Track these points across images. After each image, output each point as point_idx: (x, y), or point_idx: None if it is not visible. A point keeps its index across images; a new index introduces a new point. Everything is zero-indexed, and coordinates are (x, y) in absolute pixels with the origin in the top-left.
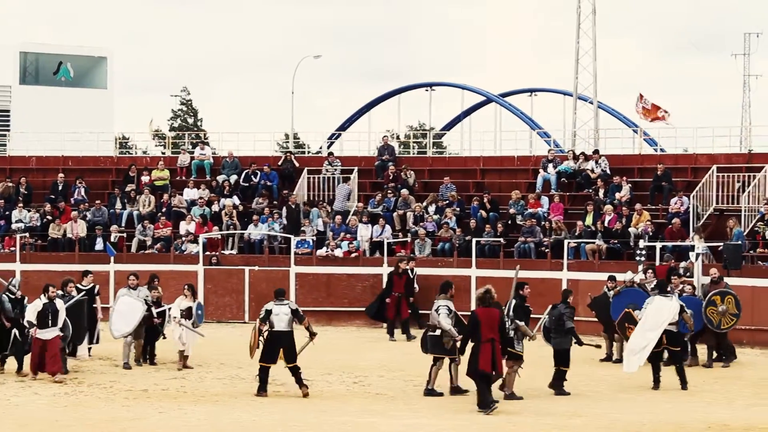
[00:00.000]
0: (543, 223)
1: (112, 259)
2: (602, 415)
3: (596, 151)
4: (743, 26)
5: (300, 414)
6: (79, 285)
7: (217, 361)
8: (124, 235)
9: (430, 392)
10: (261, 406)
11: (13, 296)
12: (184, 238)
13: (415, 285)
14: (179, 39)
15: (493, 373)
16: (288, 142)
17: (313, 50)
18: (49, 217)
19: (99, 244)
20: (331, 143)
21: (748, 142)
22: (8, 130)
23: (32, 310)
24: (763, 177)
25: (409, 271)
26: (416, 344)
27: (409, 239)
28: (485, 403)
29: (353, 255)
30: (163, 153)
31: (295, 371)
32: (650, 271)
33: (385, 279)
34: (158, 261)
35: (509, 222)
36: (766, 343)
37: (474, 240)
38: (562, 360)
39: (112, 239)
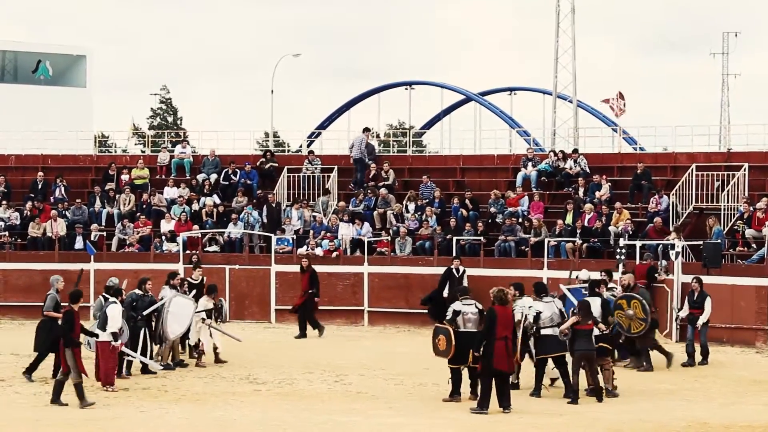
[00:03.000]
0: (523, 221)
1: (92, 257)
2: (583, 414)
3: (575, 150)
4: (722, 25)
5: (281, 413)
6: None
7: (207, 361)
8: (104, 233)
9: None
10: (242, 405)
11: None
12: (163, 237)
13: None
14: (159, 38)
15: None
16: (268, 140)
17: (292, 49)
18: (28, 215)
19: (79, 243)
20: (311, 142)
21: (727, 141)
22: None
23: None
24: (742, 176)
25: (455, 270)
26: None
27: (389, 238)
28: (485, 404)
29: (334, 254)
30: (143, 152)
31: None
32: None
33: (366, 278)
34: (138, 260)
35: (489, 221)
36: (746, 341)
37: (454, 239)
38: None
39: (92, 238)
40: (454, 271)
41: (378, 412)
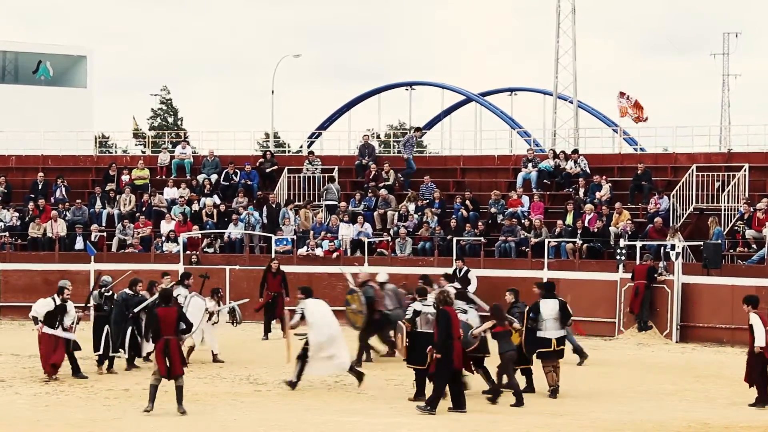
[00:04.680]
0: (523, 221)
1: (92, 258)
2: (583, 414)
3: (575, 151)
4: (722, 26)
5: (281, 414)
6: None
7: (198, 361)
8: (104, 234)
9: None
10: (242, 405)
11: (107, 294)
12: (164, 238)
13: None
14: (159, 38)
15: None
16: (268, 141)
17: (293, 49)
18: (29, 215)
19: (79, 244)
20: (312, 142)
21: (727, 141)
22: None
23: (42, 307)
24: (743, 176)
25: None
26: None
27: (389, 238)
28: (435, 405)
29: (334, 254)
30: (143, 152)
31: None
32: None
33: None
34: (138, 260)
35: (490, 221)
36: (746, 342)
37: (455, 239)
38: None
39: (92, 238)
40: (457, 271)
41: (378, 412)
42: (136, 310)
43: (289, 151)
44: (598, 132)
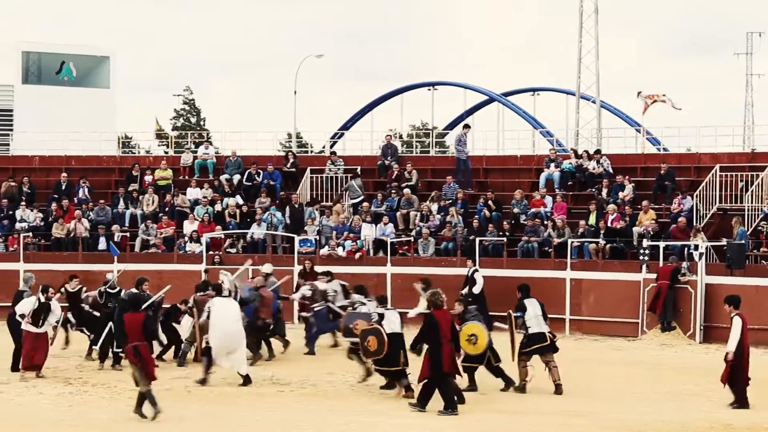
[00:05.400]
0: (546, 221)
1: (115, 258)
2: (604, 414)
3: (598, 151)
4: (746, 25)
5: (304, 414)
6: (66, 288)
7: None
8: (128, 234)
9: None
10: (265, 405)
11: (112, 290)
12: (187, 238)
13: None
14: (182, 38)
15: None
16: (291, 141)
17: (315, 50)
18: (52, 216)
19: (102, 244)
20: (334, 143)
21: (750, 141)
22: (11, 130)
23: (27, 305)
24: (767, 176)
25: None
26: None
27: (412, 238)
28: (454, 404)
29: (356, 254)
30: (166, 152)
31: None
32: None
33: (389, 279)
34: (161, 260)
35: (513, 221)
36: None
37: (477, 239)
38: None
39: (115, 239)
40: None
41: (401, 412)
42: (142, 307)
43: (311, 152)
44: (621, 132)
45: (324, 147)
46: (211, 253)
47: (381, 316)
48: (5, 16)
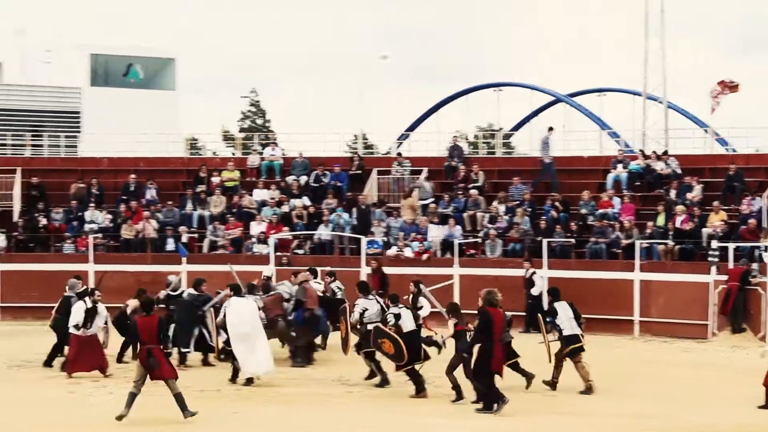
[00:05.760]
0: (614, 222)
1: (183, 259)
2: (674, 417)
3: (666, 152)
4: None
5: (372, 414)
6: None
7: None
8: (196, 235)
9: None
10: (333, 405)
11: (175, 292)
12: (254, 239)
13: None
14: (248, 40)
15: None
16: (357, 142)
17: (381, 51)
18: (121, 217)
19: (170, 245)
20: (400, 144)
21: None
22: (79, 132)
23: (79, 313)
24: None
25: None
26: None
27: (479, 240)
28: (491, 404)
29: (424, 256)
30: (233, 154)
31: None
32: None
33: (457, 279)
34: (229, 262)
35: (580, 222)
36: None
37: (545, 240)
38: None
39: (183, 240)
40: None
41: (468, 414)
42: (204, 308)
43: (377, 153)
44: (689, 132)
45: (390, 148)
46: (278, 254)
47: (398, 317)
48: (73, 20)
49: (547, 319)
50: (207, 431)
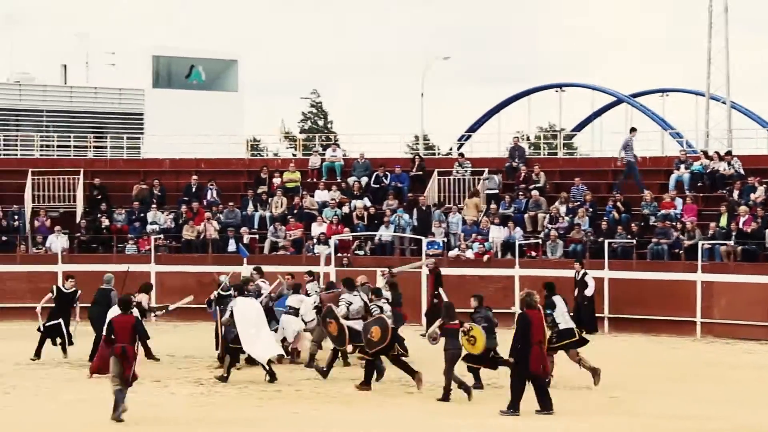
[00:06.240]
0: (676, 223)
1: (245, 260)
2: (736, 419)
3: (729, 152)
4: None
5: (432, 415)
6: (61, 288)
7: (357, 363)
8: (257, 236)
9: None
10: (392, 406)
11: (225, 292)
12: (315, 240)
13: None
14: (309, 41)
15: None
16: (418, 143)
17: (442, 52)
18: (182, 218)
19: (231, 246)
20: (461, 145)
21: None
22: (142, 133)
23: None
24: None
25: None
26: None
27: (540, 241)
28: (517, 406)
29: (485, 257)
30: (294, 155)
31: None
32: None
33: (517, 281)
34: (290, 262)
35: (642, 223)
36: None
37: (606, 241)
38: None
39: (244, 241)
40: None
41: (527, 415)
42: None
43: (438, 154)
44: (752, 133)
45: (451, 149)
46: (339, 255)
47: (381, 309)
48: (136, 22)
49: (547, 312)
50: (269, 429)
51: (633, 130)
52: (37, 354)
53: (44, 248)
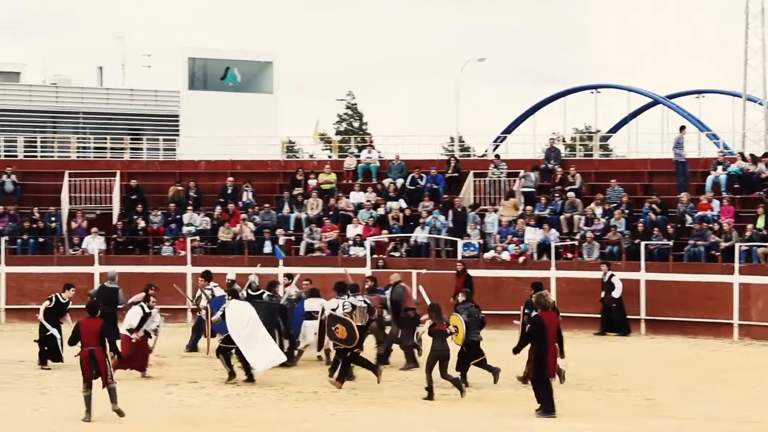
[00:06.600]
0: (713, 225)
1: (280, 262)
2: None
3: (766, 154)
4: None
5: (469, 416)
6: (59, 296)
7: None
8: (292, 238)
9: None
10: (430, 409)
11: (255, 292)
12: (350, 241)
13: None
14: (344, 43)
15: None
16: (453, 145)
17: (477, 53)
18: (218, 220)
19: (267, 247)
20: (497, 146)
21: None
22: (178, 135)
23: (135, 317)
24: None
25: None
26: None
27: (576, 242)
28: (551, 407)
29: (520, 258)
30: (330, 157)
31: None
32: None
33: (553, 283)
34: (326, 264)
35: (679, 225)
36: None
37: (642, 243)
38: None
39: (280, 242)
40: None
41: (564, 417)
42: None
43: (474, 155)
44: None
45: (486, 151)
46: (374, 256)
47: (353, 306)
48: (171, 24)
49: (526, 311)
50: (305, 431)
51: (683, 128)
52: (43, 362)
53: (81, 250)
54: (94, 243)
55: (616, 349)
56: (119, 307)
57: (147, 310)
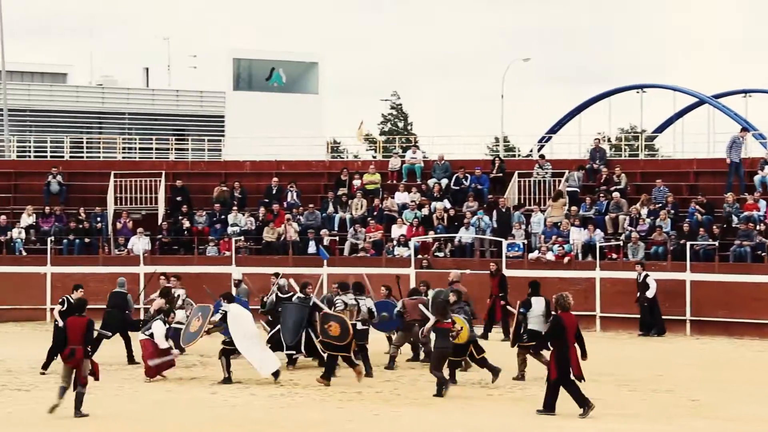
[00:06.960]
0: (759, 225)
1: (325, 262)
2: None
3: None
4: None
5: (510, 418)
6: (69, 299)
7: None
8: (337, 238)
9: None
10: (472, 409)
11: (284, 294)
12: (395, 242)
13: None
14: (389, 43)
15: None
16: (498, 145)
17: (522, 53)
18: (263, 220)
19: (312, 248)
20: (542, 146)
21: None
22: (223, 136)
23: (160, 329)
24: None
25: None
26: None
27: (621, 243)
28: (588, 402)
29: (565, 259)
30: (374, 157)
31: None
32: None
33: (598, 283)
34: (370, 264)
35: (725, 225)
36: None
37: (688, 243)
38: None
39: (324, 242)
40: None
41: (608, 418)
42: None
43: (519, 156)
44: None
45: (531, 151)
46: (419, 257)
47: (345, 304)
48: (217, 25)
49: (521, 310)
50: (349, 431)
51: (744, 130)
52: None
53: (126, 250)
54: (140, 243)
55: (661, 349)
56: (127, 312)
57: (167, 325)
